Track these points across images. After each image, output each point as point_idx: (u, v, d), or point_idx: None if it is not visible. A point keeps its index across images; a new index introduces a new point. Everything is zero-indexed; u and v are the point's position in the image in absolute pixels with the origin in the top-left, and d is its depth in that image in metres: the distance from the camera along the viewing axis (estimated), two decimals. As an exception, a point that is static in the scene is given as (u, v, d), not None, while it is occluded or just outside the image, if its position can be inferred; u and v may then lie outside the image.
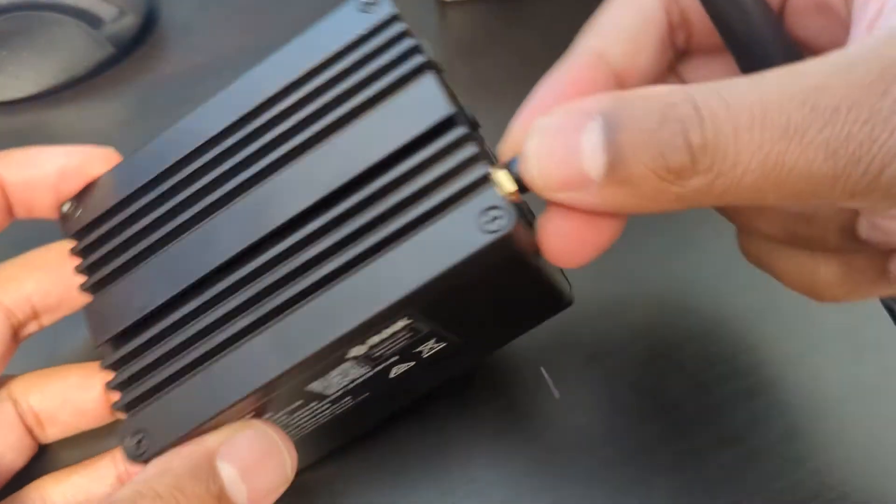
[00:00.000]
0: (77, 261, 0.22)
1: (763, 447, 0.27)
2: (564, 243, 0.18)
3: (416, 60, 0.19)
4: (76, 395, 0.23)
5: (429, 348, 0.22)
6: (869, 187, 0.15)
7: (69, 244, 0.22)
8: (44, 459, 0.26)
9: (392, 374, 0.22)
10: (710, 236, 0.31)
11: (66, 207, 0.23)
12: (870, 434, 0.27)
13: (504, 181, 0.18)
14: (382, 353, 0.21)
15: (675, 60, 0.23)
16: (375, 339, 0.19)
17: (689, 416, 0.27)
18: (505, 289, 0.21)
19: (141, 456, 0.19)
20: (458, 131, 0.18)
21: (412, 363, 0.22)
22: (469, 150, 0.18)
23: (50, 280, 0.24)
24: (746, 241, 0.23)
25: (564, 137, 0.16)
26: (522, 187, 0.18)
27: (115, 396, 0.21)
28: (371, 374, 0.21)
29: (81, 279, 0.22)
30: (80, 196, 0.23)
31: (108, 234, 0.22)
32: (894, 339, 0.29)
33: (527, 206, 0.21)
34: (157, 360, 0.20)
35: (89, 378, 0.24)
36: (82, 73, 0.35)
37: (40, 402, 0.24)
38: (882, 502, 0.26)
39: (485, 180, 0.18)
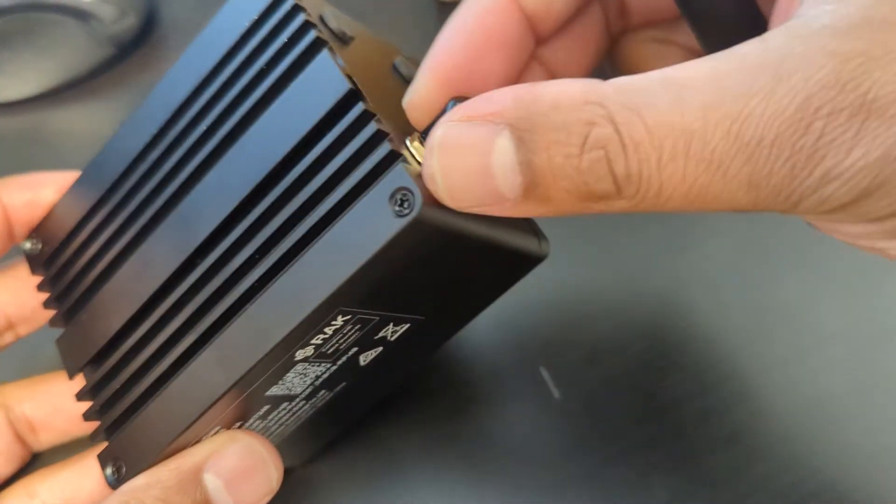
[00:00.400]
0: (45, 295, 0.23)
1: (762, 447, 0.27)
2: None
3: (308, 39, 0.18)
4: (70, 401, 0.23)
5: (391, 332, 0.21)
6: (788, 212, 0.15)
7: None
8: (37, 463, 0.26)
9: (363, 362, 0.22)
10: (709, 236, 0.31)
11: (28, 245, 0.23)
12: (869, 434, 0.27)
13: (415, 155, 0.17)
14: (337, 349, 0.20)
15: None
16: (319, 339, 0.19)
17: (688, 416, 0.27)
18: (450, 262, 0.19)
19: (121, 482, 0.20)
20: (358, 108, 0.17)
21: (380, 348, 0.21)
22: (371, 129, 0.17)
23: (26, 290, 0.23)
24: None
25: (473, 159, 0.15)
26: None
27: (94, 425, 0.21)
28: (336, 368, 0.21)
29: (51, 312, 0.22)
30: (39, 229, 0.23)
31: (65, 265, 0.22)
32: (893, 339, 0.29)
33: None
34: (122, 387, 0.20)
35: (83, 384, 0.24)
36: (82, 73, 0.35)
37: (34, 409, 0.24)
38: (881, 502, 0.26)
39: (391, 159, 0.17)
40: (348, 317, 0.19)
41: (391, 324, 0.20)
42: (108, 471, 0.20)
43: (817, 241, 0.31)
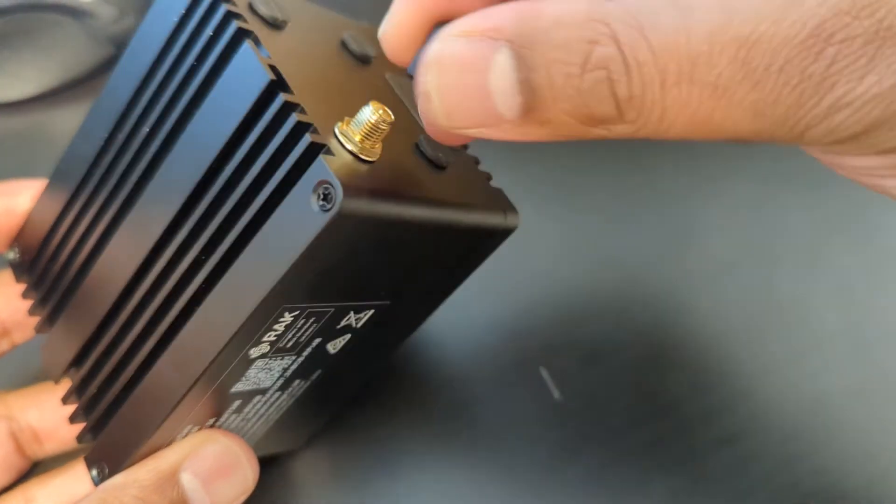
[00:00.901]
0: (28, 302, 0.23)
1: (763, 447, 0.27)
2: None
3: (230, 31, 0.18)
4: None
5: (355, 319, 0.20)
6: (792, 142, 0.15)
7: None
8: (36, 469, 0.26)
9: (333, 350, 0.21)
10: (710, 237, 0.31)
11: (11, 254, 0.24)
12: (868, 434, 0.27)
13: (343, 142, 0.17)
14: (297, 342, 0.20)
15: None
16: (271, 336, 0.19)
17: (688, 416, 0.27)
18: (395, 247, 0.18)
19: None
20: (279, 101, 0.17)
21: (347, 335, 0.21)
22: (291, 121, 0.16)
23: (17, 297, 0.23)
24: None
25: (471, 77, 0.14)
26: (371, 135, 0.16)
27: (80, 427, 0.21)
28: (303, 359, 0.21)
29: (35, 319, 0.23)
30: (18, 237, 0.24)
31: (43, 271, 0.23)
32: (893, 339, 0.29)
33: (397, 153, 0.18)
34: (100, 389, 0.21)
35: None
36: (82, 73, 0.35)
37: (39, 418, 0.24)
38: (881, 502, 0.26)
39: (314, 151, 0.16)
40: (296, 312, 0.18)
41: (352, 312, 0.20)
42: (94, 472, 0.20)
43: (818, 241, 0.31)
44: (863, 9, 0.13)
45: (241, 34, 0.18)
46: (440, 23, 0.16)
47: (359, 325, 0.21)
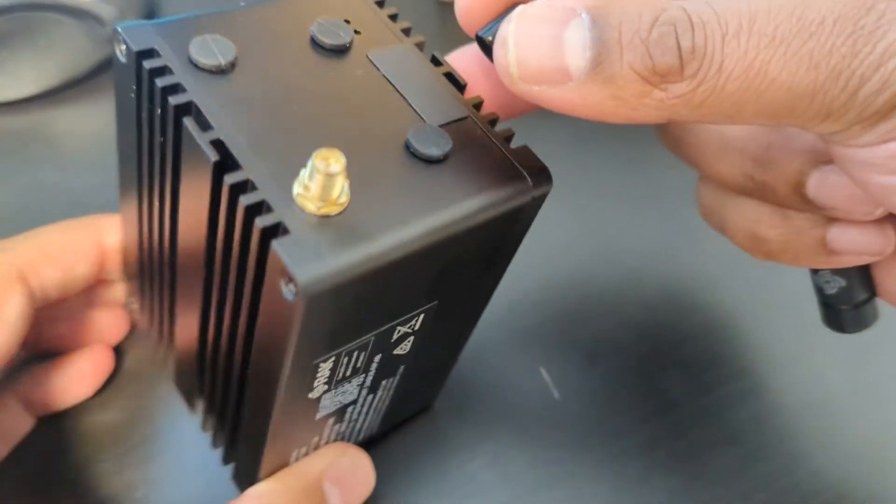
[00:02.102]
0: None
1: (763, 447, 0.27)
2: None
3: (171, 108, 0.16)
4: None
5: (408, 328, 0.19)
6: (846, 106, 0.15)
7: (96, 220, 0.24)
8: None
9: (403, 352, 0.20)
10: (710, 237, 0.31)
11: (133, 304, 0.25)
12: (868, 434, 0.27)
13: (299, 205, 0.15)
14: (354, 368, 0.19)
15: None
16: (321, 381, 0.18)
17: (688, 416, 0.27)
18: (407, 274, 0.17)
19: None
20: (227, 184, 0.15)
21: (410, 338, 0.20)
22: (242, 205, 0.15)
23: (74, 275, 0.23)
24: (703, 191, 0.24)
25: (548, 28, 0.16)
26: (328, 186, 0.15)
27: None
28: (374, 371, 0.20)
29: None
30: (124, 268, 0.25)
31: (148, 312, 0.24)
32: (894, 339, 0.29)
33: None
34: (219, 420, 0.23)
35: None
36: (82, 73, 0.35)
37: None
38: (880, 502, 0.26)
39: (267, 236, 0.15)
40: (332, 359, 0.18)
41: (398, 327, 0.19)
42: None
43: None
44: None
45: (181, 112, 0.16)
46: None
47: (417, 327, 0.20)
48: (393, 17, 0.20)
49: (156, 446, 0.26)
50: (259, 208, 0.15)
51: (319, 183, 0.14)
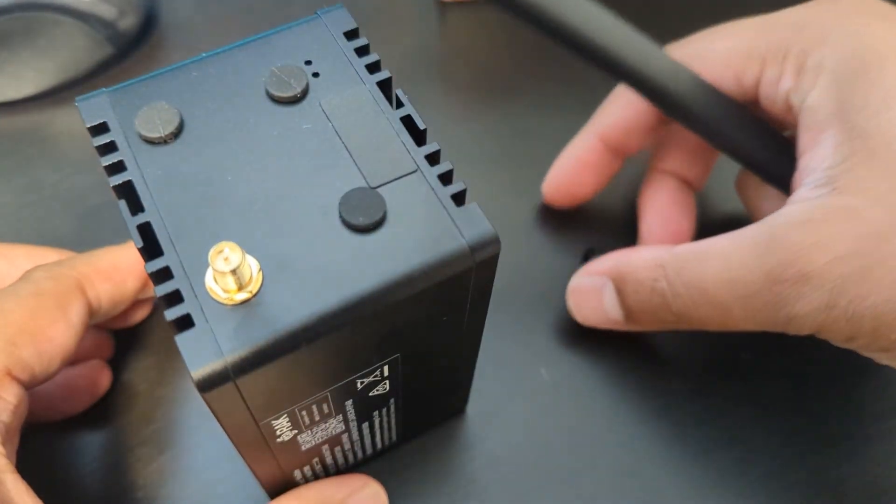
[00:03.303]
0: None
1: (763, 447, 0.27)
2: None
3: (117, 187, 0.17)
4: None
5: (373, 378, 0.19)
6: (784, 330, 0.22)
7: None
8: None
9: (384, 390, 0.20)
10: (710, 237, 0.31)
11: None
12: (869, 434, 0.27)
13: (211, 291, 0.15)
14: (321, 415, 0.19)
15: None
16: (281, 429, 0.19)
17: (688, 416, 0.27)
18: (336, 350, 0.17)
19: None
20: (150, 267, 0.15)
21: (385, 382, 0.20)
22: (164, 289, 0.15)
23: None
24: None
25: (592, 298, 0.26)
26: (235, 275, 0.14)
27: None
28: (352, 411, 0.20)
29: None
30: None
31: None
32: (894, 339, 0.28)
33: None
34: None
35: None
36: (82, 73, 0.35)
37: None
38: (881, 502, 0.26)
39: (182, 325, 0.15)
40: (283, 416, 0.18)
41: (357, 380, 0.19)
42: None
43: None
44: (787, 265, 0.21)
45: (119, 194, 0.16)
46: (588, 251, 0.30)
47: (386, 374, 0.19)
48: (363, 50, 0.19)
49: (156, 447, 0.26)
50: (173, 298, 0.15)
51: (220, 276, 0.15)
